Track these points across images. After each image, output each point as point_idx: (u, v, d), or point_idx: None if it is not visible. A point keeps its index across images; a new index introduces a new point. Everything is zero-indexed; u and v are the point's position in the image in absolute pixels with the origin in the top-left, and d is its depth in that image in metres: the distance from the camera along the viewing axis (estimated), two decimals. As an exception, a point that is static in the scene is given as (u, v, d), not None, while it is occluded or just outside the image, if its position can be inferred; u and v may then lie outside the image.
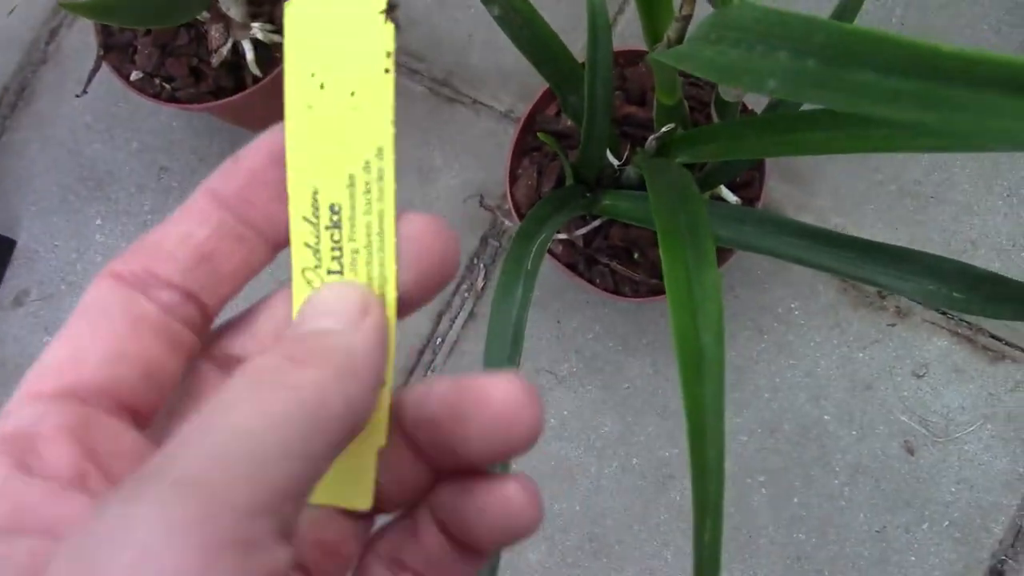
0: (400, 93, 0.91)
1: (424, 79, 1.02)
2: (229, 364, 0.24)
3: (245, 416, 0.18)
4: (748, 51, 0.37)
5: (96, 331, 0.21)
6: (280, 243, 0.23)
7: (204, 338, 0.23)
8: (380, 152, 0.23)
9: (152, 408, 0.22)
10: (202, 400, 0.23)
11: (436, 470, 0.24)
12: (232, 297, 0.23)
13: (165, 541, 0.15)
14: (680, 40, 0.54)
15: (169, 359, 0.22)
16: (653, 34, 0.58)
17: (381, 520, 0.25)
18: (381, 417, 0.23)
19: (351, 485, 0.23)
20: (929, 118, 0.27)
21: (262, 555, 0.16)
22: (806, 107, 0.62)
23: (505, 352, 0.57)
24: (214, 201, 0.22)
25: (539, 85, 0.82)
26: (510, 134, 1.01)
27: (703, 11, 0.47)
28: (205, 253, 0.22)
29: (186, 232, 0.22)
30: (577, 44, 0.66)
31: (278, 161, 0.22)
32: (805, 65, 0.34)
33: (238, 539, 0.16)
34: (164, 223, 0.22)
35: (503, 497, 0.23)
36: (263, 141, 0.23)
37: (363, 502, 0.24)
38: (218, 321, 0.24)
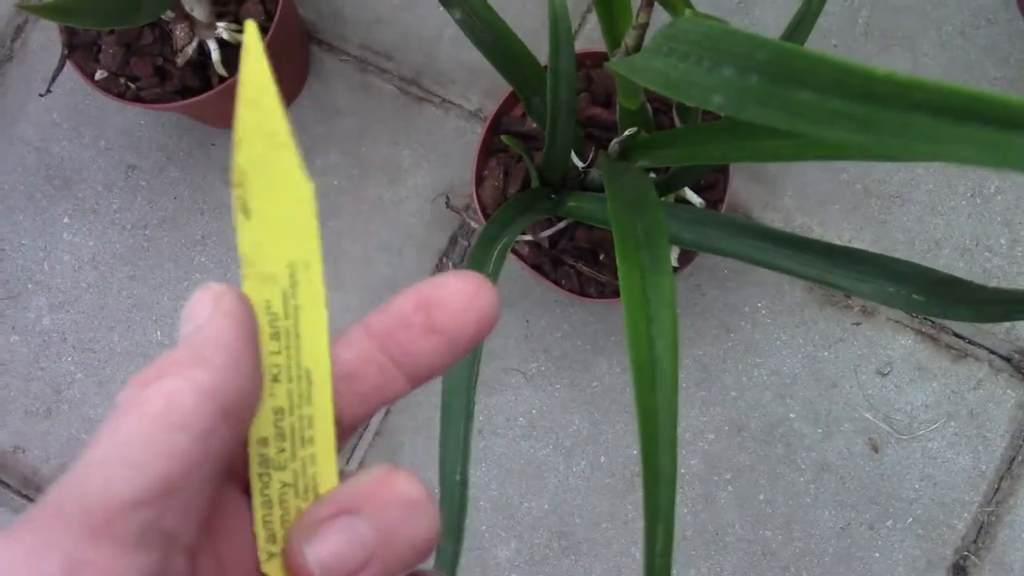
0: (369, 92, 0.92)
1: (393, 78, 1.02)
2: None
3: (96, 444, 0.20)
4: (696, 65, 0.37)
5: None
6: (417, 378, 0.26)
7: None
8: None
9: None
10: None
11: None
12: (366, 418, 0.26)
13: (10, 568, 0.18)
14: (638, 48, 0.54)
15: None
16: (612, 40, 0.58)
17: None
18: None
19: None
20: (863, 140, 0.28)
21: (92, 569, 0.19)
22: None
23: (466, 355, 0.57)
24: (365, 332, 0.25)
25: (507, 85, 0.82)
26: (479, 133, 1.01)
27: (662, 18, 0.47)
28: (347, 372, 0.25)
29: (335, 353, 0.25)
30: (543, 45, 0.66)
31: (423, 307, 0.25)
32: (749, 82, 0.34)
33: (75, 559, 0.19)
34: None
35: None
36: (416, 291, 0.25)
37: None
38: None
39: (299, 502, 0.24)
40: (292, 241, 0.24)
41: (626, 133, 0.65)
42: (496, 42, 0.65)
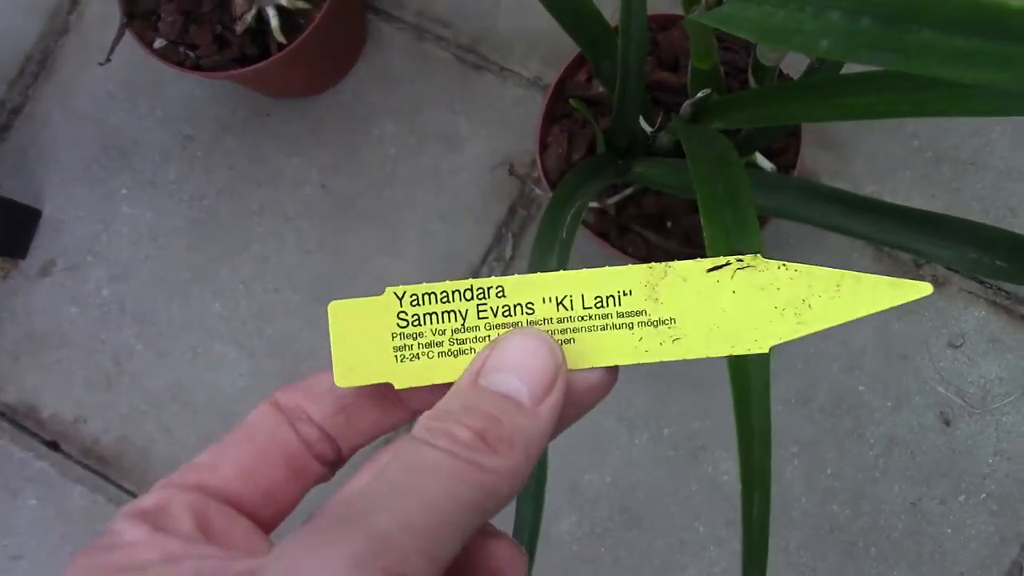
0: (426, 60, 0.90)
1: (450, 46, 1.01)
2: None
3: (437, 492, 0.21)
4: (797, 11, 0.35)
5: (238, 448, 0.26)
6: (417, 411, 0.26)
7: (333, 472, 0.27)
8: None
9: (269, 520, 0.26)
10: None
11: None
12: (363, 446, 0.27)
13: None
14: (719, 2, 0.52)
15: (291, 485, 0.26)
16: (690, -4, 0.56)
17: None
18: None
19: None
20: (1000, 78, 0.26)
21: None
22: (847, 71, 0.60)
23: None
24: None
25: (567, 51, 0.80)
26: (537, 101, 0.99)
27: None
28: (345, 405, 0.26)
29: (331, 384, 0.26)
30: (608, 6, 0.65)
31: None
32: (859, 25, 0.32)
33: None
34: (321, 371, 0.27)
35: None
36: None
37: None
38: None
39: None
40: None
41: (699, 95, 0.63)
42: (565, 1, 0.63)
